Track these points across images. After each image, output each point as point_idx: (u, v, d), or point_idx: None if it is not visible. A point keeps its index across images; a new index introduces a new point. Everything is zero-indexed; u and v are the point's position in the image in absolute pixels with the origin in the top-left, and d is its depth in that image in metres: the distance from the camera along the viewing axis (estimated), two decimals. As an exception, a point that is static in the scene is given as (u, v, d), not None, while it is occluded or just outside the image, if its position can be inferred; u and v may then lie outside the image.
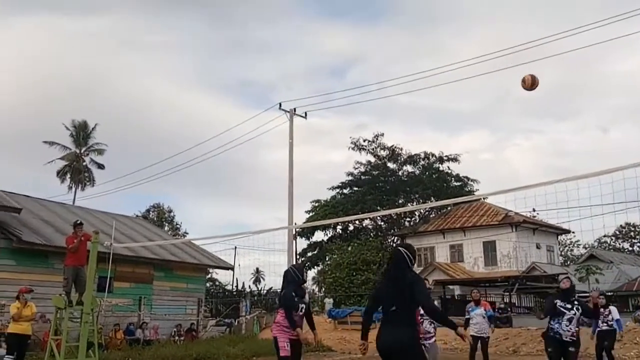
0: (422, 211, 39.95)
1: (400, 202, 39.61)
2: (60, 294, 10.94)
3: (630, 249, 57.76)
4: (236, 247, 40.74)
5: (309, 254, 42.02)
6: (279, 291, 12.53)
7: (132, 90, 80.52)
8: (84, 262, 10.68)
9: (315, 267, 41.81)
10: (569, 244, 58.40)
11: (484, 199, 32.62)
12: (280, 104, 26.93)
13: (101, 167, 42.93)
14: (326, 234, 42.08)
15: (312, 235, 41.52)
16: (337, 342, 18.63)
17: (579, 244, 57.36)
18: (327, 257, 37.97)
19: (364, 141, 40.71)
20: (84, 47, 79.54)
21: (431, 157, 40.45)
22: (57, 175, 41.80)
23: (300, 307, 6.39)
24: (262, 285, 54.08)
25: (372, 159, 41.10)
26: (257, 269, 61.53)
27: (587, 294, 13.12)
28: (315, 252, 41.79)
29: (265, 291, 41.71)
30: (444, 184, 39.57)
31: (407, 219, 40.67)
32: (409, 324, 4.29)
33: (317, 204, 40.91)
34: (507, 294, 25.61)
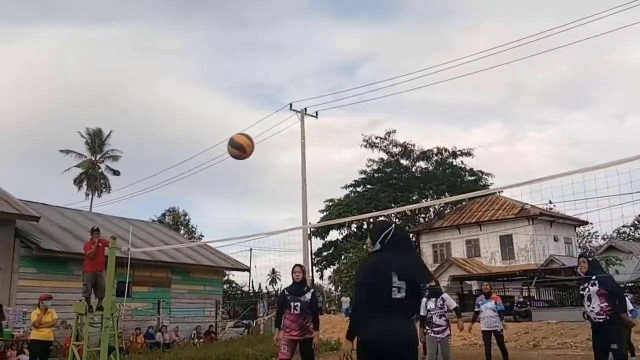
0: (436, 207, 39.88)
1: (414, 198, 39.47)
2: (80, 300, 11.08)
3: (650, 238, 56.78)
4: (251, 249, 40.96)
5: (324, 254, 42.04)
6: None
7: (145, 95, 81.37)
8: (102, 267, 10.81)
9: (330, 266, 41.83)
10: (587, 236, 57.56)
11: (499, 193, 32.40)
12: (290, 105, 26.97)
13: (116, 173, 43.41)
14: (341, 233, 42.07)
15: (327, 234, 41.63)
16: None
17: (597, 235, 56.50)
18: (342, 256, 37.96)
19: (376, 138, 40.77)
20: (97, 56, 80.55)
21: (444, 152, 40.35)
22: (74, 182, 42.40)
23: (293, 305, 6.28)
24: (279, 285, 54.21)
25: (385, 156, 41.11)
26: (273, 269, 61.68)
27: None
28: (330, 252, 41.80)
29: (281, 292, 41.74)
30: (458, 179, 39.40)
31: (422, 215, 40.50)
32: (411, 315, 3.48)
33: (331, 203, 40.95)
34: (526, 287, 25.37)
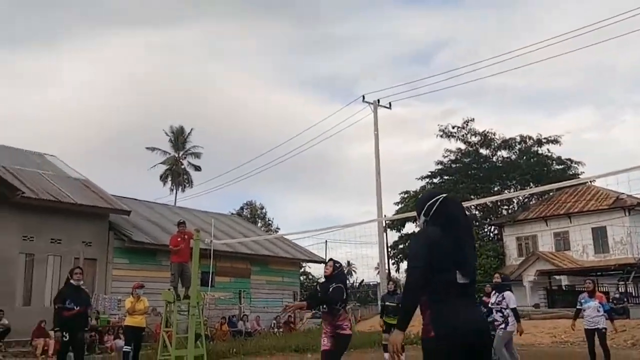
0: (520, 198, 38.16)
1: (495, 189, 37.90)
2: (168, 289, 11.69)
3: None
4: (327, 241, 41.26)
5: (401, 246, 41.53)
6: (370, 284, 12.56)
7: (222, 94, 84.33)
8: (188, 258, 11.33)
9: (407, 259, 41.27)
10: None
11: (592, 182, 30.41)
12: (363, 97, 26.82)
13: (198, 169, 45.45)
14: (417, 226, 41.40)
15: (403, 227, 40.99)
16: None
17: None
18: (419, 249, 37.26)
19: (453, 128, 39.45)
20: (176, 57, 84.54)
21: (528, 140, 38.40)
22: (160, 178, 44.91)
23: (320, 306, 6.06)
24: (354, 278, 54.26)
25: (463, 146, 39.75)
26: (349, 262, 61.83)
27: None
28: (406, 244, 41.20)
29: (357, 284, 41.78)
30: (544, 168, 37.42)
31: (505, 207, 38.83)
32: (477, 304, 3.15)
33: (406, 195, 40.30)
34: (622, 283, 23.63)
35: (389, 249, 39.04)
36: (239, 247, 20.55)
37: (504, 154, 39.43)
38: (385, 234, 30.70)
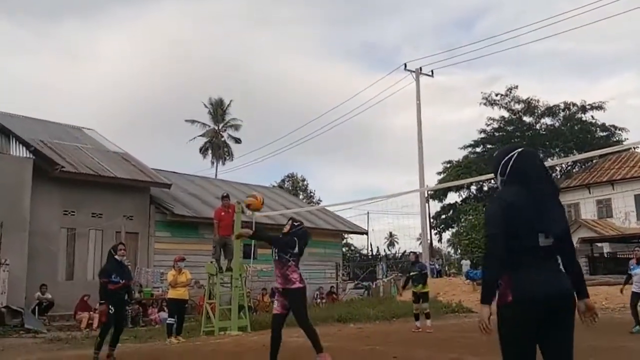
0: (564, 166, 37.33)
1: (539, 157, 36.67)
2: (211, 262, 11.62)
3: None
4: (368, 212, 40.97)
5: (443, 216, 40.89)
6: (410, 253, 12.53)
7: (263, 64, 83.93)
8: (231, 231, 11.21)
9: (449, 229, 40.67)
10: None
11: (635, 149, 29.69)
12: (405, 65, 26.01)
13: (238, 141, 45.46)
14: (460, 195, 40.42)
15: (445, 197, 40.32)
16: (477, 303, 17.68)
17: None
18: (462, 219, 36.63)
19: (497, 95, 38.48)
20: (217, 28, 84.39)
21: (572, 107, 37.22)
22: (199, 151, 45.26)
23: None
24: (397, 248, 53.82)
25: (506, 114, 38.72)
26: (391, 233, 61.33)
27: None
28: (449, 214, 40.54)
29: (400, 255, 41.45)
30: (588, 135, 36.32)
31: (549, 175, 37.55)
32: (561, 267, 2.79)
33: (448, 165, 39.55)
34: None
35: (431, 220, 38.52)
36: (280, 219, 20.38)
37: (548, 121, 38.49)
38: (427, 204, 30.16)
